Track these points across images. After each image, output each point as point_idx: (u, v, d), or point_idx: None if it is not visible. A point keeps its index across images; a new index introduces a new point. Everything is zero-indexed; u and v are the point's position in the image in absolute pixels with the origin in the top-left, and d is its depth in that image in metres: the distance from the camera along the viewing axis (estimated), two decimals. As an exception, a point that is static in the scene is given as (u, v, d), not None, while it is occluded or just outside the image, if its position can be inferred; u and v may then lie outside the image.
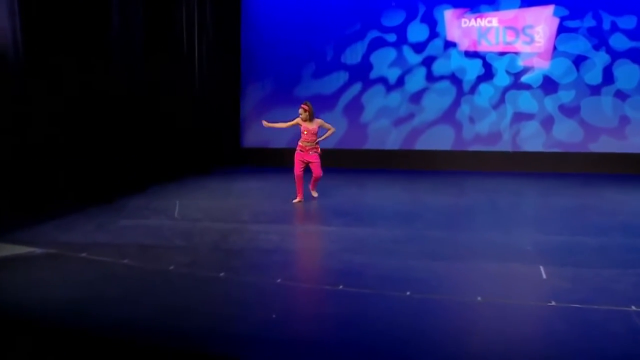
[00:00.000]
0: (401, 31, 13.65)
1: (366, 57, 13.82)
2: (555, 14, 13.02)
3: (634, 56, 12.75)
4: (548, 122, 13.21)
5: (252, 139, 14.42)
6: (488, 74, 13.39)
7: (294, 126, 9.29)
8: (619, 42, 12.77)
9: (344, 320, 4.57)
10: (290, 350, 4.07)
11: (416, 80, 13.67)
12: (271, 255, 6.30)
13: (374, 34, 13.75)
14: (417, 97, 13.69)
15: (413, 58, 13.66)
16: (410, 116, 13.75)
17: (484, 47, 13.41)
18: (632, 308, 4.62)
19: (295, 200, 9.19)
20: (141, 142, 10.24)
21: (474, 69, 13.45)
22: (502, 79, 13.36)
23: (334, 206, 9.08)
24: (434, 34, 13.56)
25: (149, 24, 10.52)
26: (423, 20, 13.59)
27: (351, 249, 6.57)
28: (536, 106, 13.24)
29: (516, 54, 13.27)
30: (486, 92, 13.43)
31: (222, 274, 5.56)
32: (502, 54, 13.34)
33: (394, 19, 13.68)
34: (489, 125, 13.47)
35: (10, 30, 7.57)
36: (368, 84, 13.85)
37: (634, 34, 12.73)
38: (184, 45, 11.99)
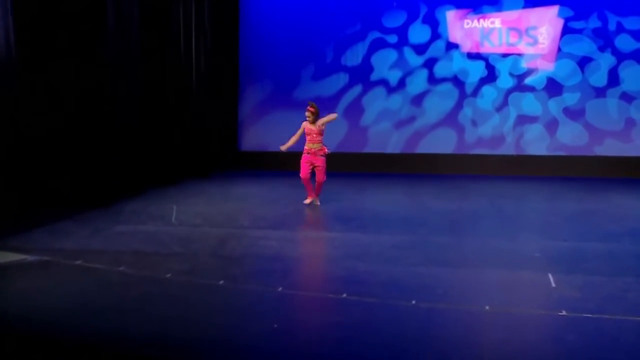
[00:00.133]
0: (402, 32, 13.62)
1: (367, 59, 13.78)
2: (560, 14, 13.00)
3: (640, 57, 12.73)
4: (552, 125, 13.17)
5: (250, 142, 14.36)
6: (491, 76, 13.37)
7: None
8: (625, 43, 12.75)
9: (347, 330, 4.48)
10: (292, 362, 3.99)
11: (418, 83, 13.63)
12: (272, 263, 6.22)
13: (374, 35, 13.72)
14: (418, 100, 13.65)
15: (414, 60, 13.62)
16: (412, 119, 13.71)
17: (486, 48, 13.37)
18: (646, 318, 4.54)
19: (307, 201, 9.10)
20: (137, 145, 10.16)
21: (476, 70, 13.41)
22: (505, 81, 13.32)
23: (336, 211, 9.00)
24: (435, 35, 13.54)
25: (145, 24, 10.44)
26: (425, 21, 13.56)
27: (354, 255, 6.50)
28: (540, 109, 13.20)
29: (520, 55, 13.25)
30: (489, 94, 13.40)
31: (221, 282, 5.48)
32: (505, 55, 13.31)
33: (395, 19, 13.64)
34: (492, 129, 13.43)
35: (3, 30, 7.48)
36: (368, 86, 13.81)
37: (640, 35, 12.73)
38: (181, 46, 11.92)
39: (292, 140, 9.26)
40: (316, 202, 9.27)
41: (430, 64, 13.56)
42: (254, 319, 4.70)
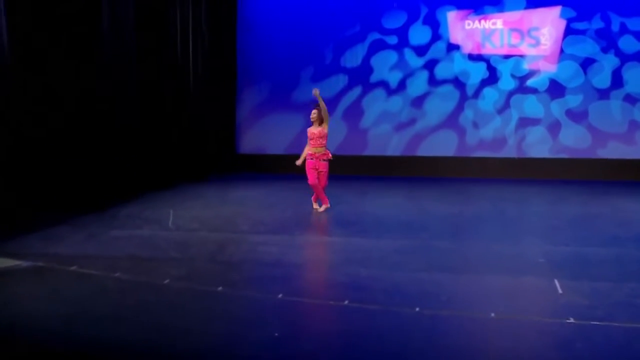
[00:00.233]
0: (402, 33, 13.57)
1: (366, 60, 13.73)
2: (562, 15, 12.96)
3: (643, 59, 12.71)
4: (555, 128, 13.13)
5: (248, 145, 14.31)
6: (492, 77, 13.33)
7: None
8: (629, 44, 12.72)
9: (351, 338, 4.42)
10: (294, 372, 3.93)
11: (418, 84, 13.58)
12: (272, 268, 6.16)
13: (374, 36, 13.68)
14: (419, 102, 13.60)
15: (415, 61, 13.57)
16: (412, 121, 13.66)
17: (488, 49, 13.33)
18: (656, 325, 4.48)
19: (322, 208, 9.04)
20: (133, 147, 10.10)
21: (477, 72, 13.37)
22: (507, 83, 13.28)
23: (336, 215, 8.94)
24: (436, 36, 13.49)
25: (140, 24, 10.38)
26: (425, 22, 13.52)
27: (355, 261, 6.44)
28: (542, 111, 13.16)
29: (521, 56, 13.21)
30: (490, 96, 13.35)
31: (220, 288, 5.42)
32: (507, 56, 13.27)
33: (395, 20, 13.60)
34: (493, 131, 13.39)
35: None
36: (368, 87, 13.76)
37: (643, 36, 12.71)
38: (177, 47, 11.87)
39: (306, 150, 9.10)
40: (314, 205, 9.21)
41: (430, 65, 13.52)
42: (254, 327, 4.63)
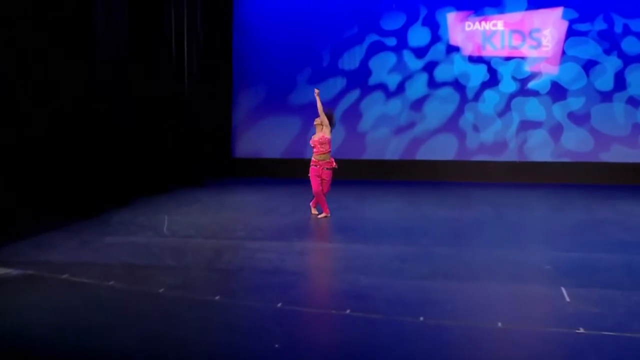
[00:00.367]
0: (401, 35, 13.55)
1: (365, 62, 13.71)
2: (564, 16, 12.96)
3: (647, 61, 12.70)
4: (556, 131, 13.11)
5: (244, 149, 14.26)
6: (493, 80, 13.32)
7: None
8: (632, 45, 12.73)
9: (353, 349, 4.34)
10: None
11: (417, 87, 13.57)
12: (270, 276, 6.08)
13: (372, 37, 13.65)
14: (418, 105, 13.58)
15: (414, 63, 13.55)
16: (411, 125, 13.63)
17: (488, 51, 13.31)
18: (670, 335, 4.40)
19: (321, 216, 8.95)
20: (127, 151, 10.04)
21: (478, 74, 13.36)
22: (507, 85, 13.26)
23: (335, 221, 8.87)
24: (436, 37, 13.47)
25: (135, 26, 10.34)
26: (424, 24, 13.50)
27: (356, 268, 6.37)
28: (544, 114, 13.15)
29: (523, 58, 13.20)
30: (491, 99, 13.33)
31: (217, 297, 5.35)
32: (507, 58, 13.26)
33: (393, 22, 13.58)
34: (494, 134, 13.37)
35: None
36: (367, 90, 13.73)
37: (647, 38, 12.69)
38: (172, 49, 11.82)
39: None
40: (313, 211, 9.14)
41: (430, 67, 13.49)
42: (253, 337, 4.56)
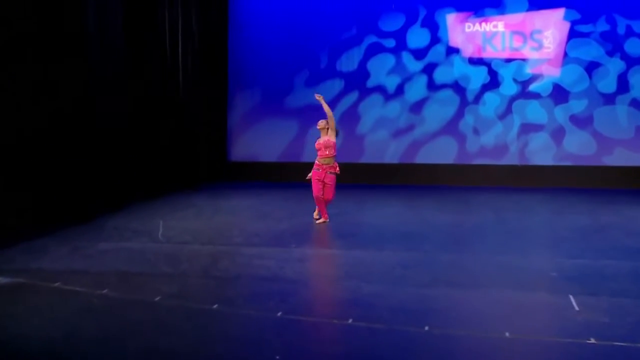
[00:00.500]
0: (400, 36, 13.51)
1: (363, 64, 13.67)
2: (566, 17, 12.93)
3: (650, 63, 12.69)
4: (558, 134, 13.08)
5: (240, 153, 14.21)
6: (494, 82, 13.29)
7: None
8: (635, 47, 12.71)
9: (356, 360, 4.25)
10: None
11: (417, 89, 13.53)
12: (269, 284, 6.00)
13: (371, 39, 13.61)
14: (417, 107, 13.54)
15: (413, 65, 13.51)
16: (411, 127, 13.59)
17: (489, 53, 13.28)
18: (684, 346, 4.32)
19: (320, 221, 8.86)
20: (120, 155, 9.99)
21: (478, 76, 13.32)
22: (508, 88, 13.23)
23: (334, 226, 8.81)
24: (435, 39, 13.44)
25: (129, 28, 10.28)
26: (424, 25, 13.46)
27: (357, 275, 6.31)
28: (545, 116, 13.11)
29: (524, 60, 13.16)
30: (492, 101, 13.29)
31: (215, 306, 5.28)
32: (508, 60, 13.23)
33: (392, 23, 13.53)
34: (494, 137, 13.33)
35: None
36: (365, 92, 13.69)
37: (650, 39, 12.68)
38: (167, 50, 11.78)
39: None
40: (315, 216, 9.05)
41: (429, 69, 13.45)
42: (252, 348, 4.49)
